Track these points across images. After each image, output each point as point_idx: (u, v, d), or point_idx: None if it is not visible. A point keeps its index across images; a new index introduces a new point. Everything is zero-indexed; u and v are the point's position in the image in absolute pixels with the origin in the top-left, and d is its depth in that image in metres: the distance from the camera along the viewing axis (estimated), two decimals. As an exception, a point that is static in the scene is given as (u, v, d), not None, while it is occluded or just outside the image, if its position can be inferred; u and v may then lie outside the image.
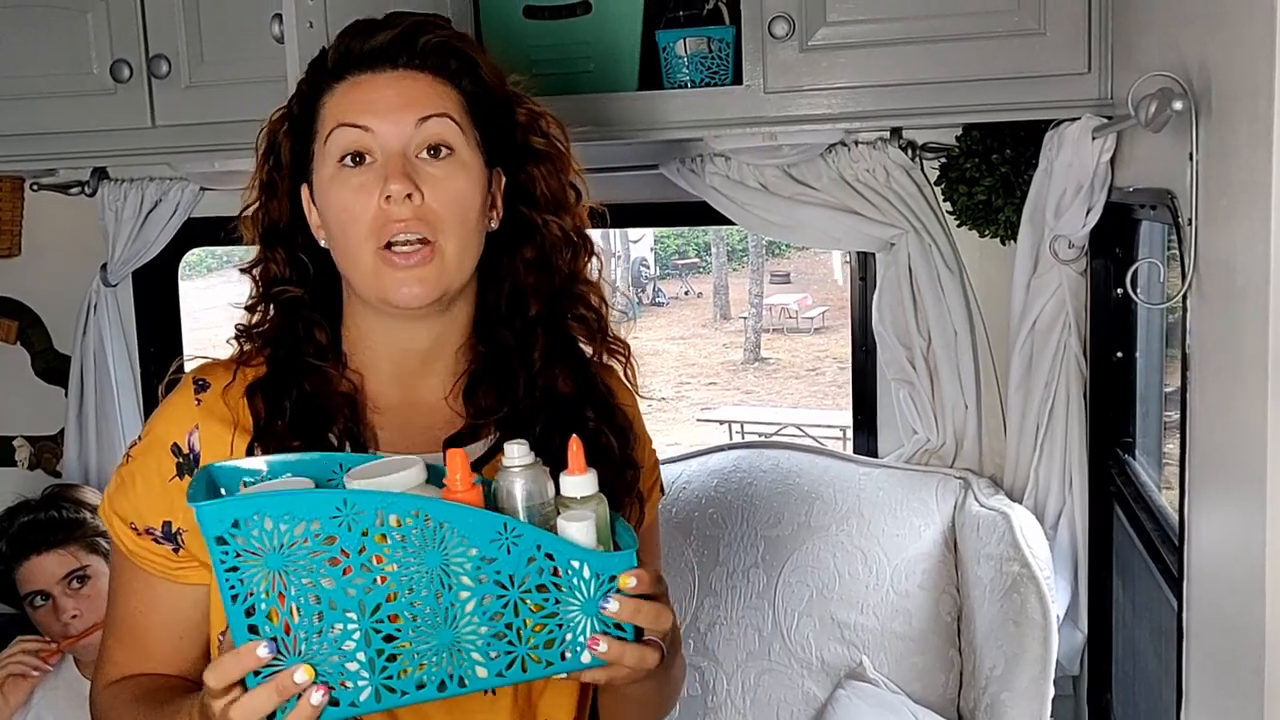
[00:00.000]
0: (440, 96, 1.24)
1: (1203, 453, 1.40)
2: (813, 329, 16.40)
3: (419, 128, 1.22)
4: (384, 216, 1.20)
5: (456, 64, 1.26)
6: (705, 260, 19.09)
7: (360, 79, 1.24)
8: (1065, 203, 1.99)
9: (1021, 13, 1.95)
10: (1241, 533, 1.21)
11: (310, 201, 1.28)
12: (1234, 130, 1.22)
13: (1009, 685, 2.04)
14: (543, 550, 1.03)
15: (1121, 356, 2.12)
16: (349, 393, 1.29)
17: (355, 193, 1.22)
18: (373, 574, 1.01)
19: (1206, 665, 1.39)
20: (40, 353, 2.89)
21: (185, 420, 1.26)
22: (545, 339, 1.32)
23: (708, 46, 2.12)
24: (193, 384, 1.28)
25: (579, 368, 1.34)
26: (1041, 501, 2.23)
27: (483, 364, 1.32)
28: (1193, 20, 1.42)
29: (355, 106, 1.23)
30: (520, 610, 1.03)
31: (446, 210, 1.22)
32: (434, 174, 1.22)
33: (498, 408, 1.30)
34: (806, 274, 18.45)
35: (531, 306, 1.32)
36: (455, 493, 1.05)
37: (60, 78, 2.30)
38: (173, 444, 1.25)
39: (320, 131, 1.25)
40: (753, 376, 15.36)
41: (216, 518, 0.99)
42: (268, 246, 1.31)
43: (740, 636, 2.29)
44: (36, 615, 2.31)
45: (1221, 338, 1.30)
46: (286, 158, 1.29)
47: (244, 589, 1.00)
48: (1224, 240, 1.28)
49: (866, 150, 2.31)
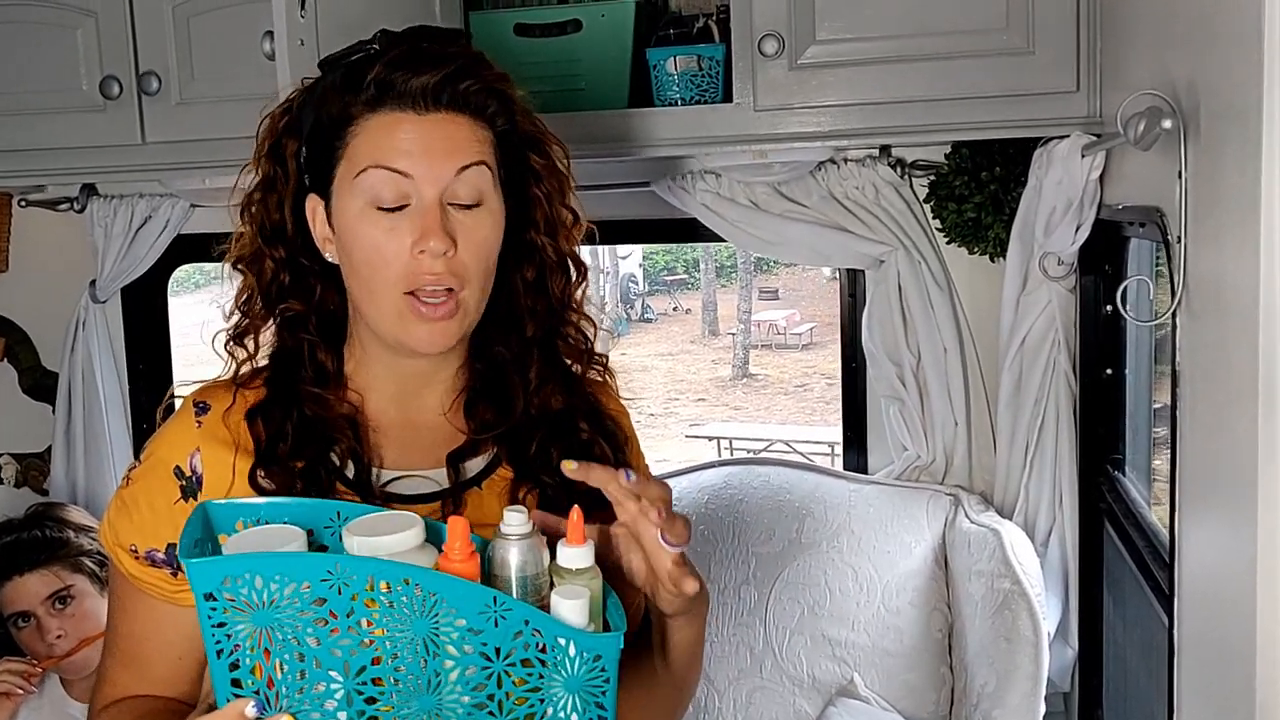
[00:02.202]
0: (478, 142, 1.22)
1: (1193, 469, 1.40)
2: (801, 345, 16.42)
3: (458, 176, 1.20)
4: (416, 266, 1.19)
5: (495, 105, 1.23)
6: (694, 276, 19.11)
7: (401, 117, 1.20)
8: (1055, 220, 1.99)
9: (1010, 31, 1.96)
10: (1232, 549, 1.21)
11: (318, 214, 1.26)
12: (1223, 149, 1.23)
13: (1000, 702, 2.03)
14: (530, 625, 1.02)
15: (1111, 373, 2.13)
16: (350, 414, 1.28)
17: (386, 234, 1.20)
18: (360, 636, 1.00)
19: (1197, 681, 1.40)
20: (27, 370, 2.87)
21: (187, 443, 1.26)
22: (540, 357, 1.33)
23: (698, 64, 2.13)
24: (193, 406, 1.28)
25: (569, 383, 1.35)
26: (1032, 518, 2.23)
27: (481, 381, 1.32)
28: (1181, 40, 1.43)
29: (395, 149, 1.19)
30: (504, 682, 1.03)
31: (473, 260, 1.21)
32: (465, 224, 1.21)
33: (497, 423, 1.30)
34: (795, 290, 18.47)
35: (528, 327, 1.32)
36: (452, 562, 1.04)
37: (49, 94, 2.29)
38: (175, 467, 1.25)
39: (348, 159, 1.21)
40: (741, 392, 15.37)
41: (207, 575, 0.99)
42: (267, 245, 1.29)
43: (732, 654, 2.28)
44: (20, 636, 2.29)
45: (1211, 354, 1.30)
46: (291, 164, 1.27)
47: (229, 644, 1.00)
48: (1213, 257, 1.28)
49: (856, 168, 2.32)
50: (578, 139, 2.04)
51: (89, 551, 2.34)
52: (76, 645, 2.26)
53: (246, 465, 1.24)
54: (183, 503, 1.23)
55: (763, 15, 2.02)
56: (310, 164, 1.25)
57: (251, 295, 1.31)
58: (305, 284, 1.29)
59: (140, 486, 1.26)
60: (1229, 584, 1.23)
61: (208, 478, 1.24)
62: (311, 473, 1.24)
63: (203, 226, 2.65)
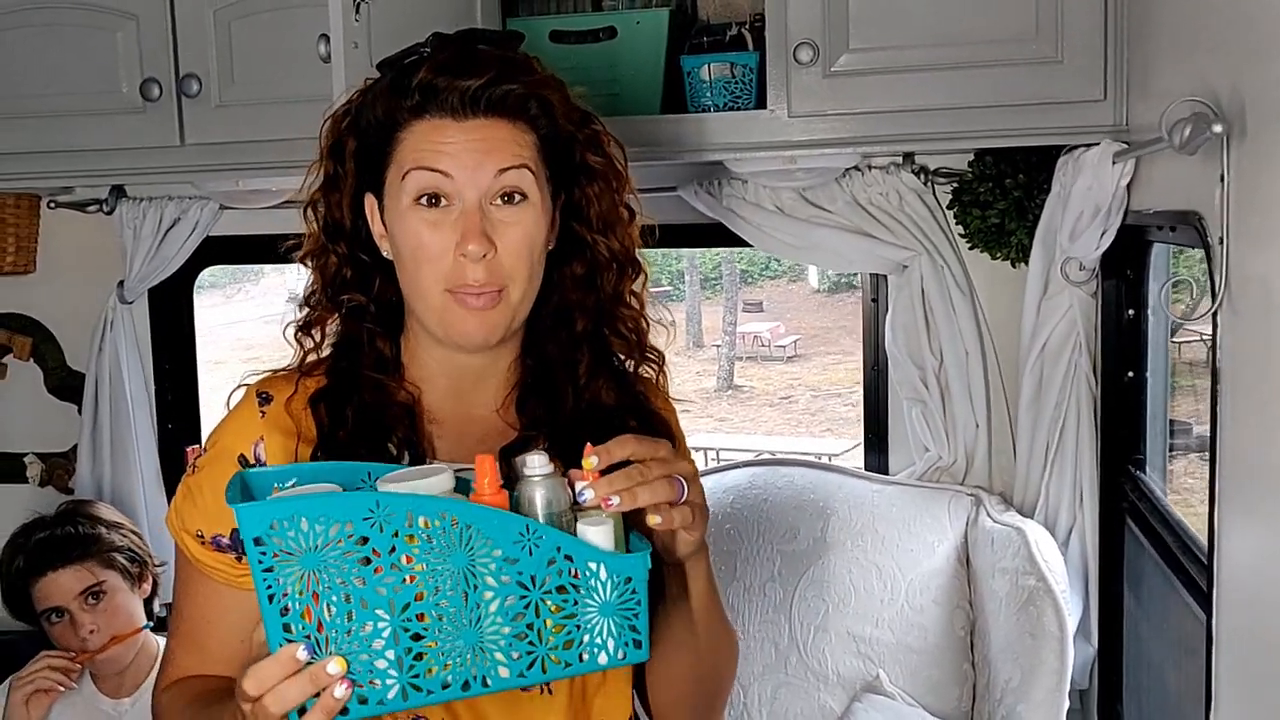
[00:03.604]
0: (519, 145, 1.26)
1: (1234, 467, 1.44)
2: (785, 358, 16.47)
3: (497, 178, 1.24)
4: (458, 268, 1.23)
5: (537, 107, 1.27)
6: (679, 288, 19.15)
7: (443, 123, 1.24)
8: (1081, 226, 2.04)
9: (1040, 40, 2.01)
10: (1277, 546, 1.25)
11: (375, 212, 1.31)
12: (1269, 152, 1.27)
13: (1025, 697, 2.08)
14: (562, 552, 1.08)
15: (1132, 376, 2.18)
16: (407, 403, 1.32)
17: (431, 230, 1.24)
18: (402, 573, 1.05)
19: (1238, 675, 1.43)
20: (53, 369, 2.89)
21: (251, 432, 1.30)
22: (590, 353, 1.36)
23: (731, 72, 2.18)
24: (256, 397, 1.32)
25: (620, 379, 1.38)
26: (1052, 518, 2.28)
27: (532, 377, 1.36)
28: (1218, 48, 1.48)
29: (436, 151, 1.24)
30: (541, 611, 1.08)
31: (516, 258, 1.25)
32: (506, 220, 1.25)
33: (548, 419, 1.34)
34: (779, 303, 18.53)
35: (578, 322, 1.36)
36: (483, 496, 1.09)
37: (87, 96, 2.33)
38: (239, 455, 1.29)
39: (396, 162, 1.26)
40: (726, 404, 15.40)
41: (256, 519, 1.03)
42: (330, 241, 1.33)
43: (758, 650, 2.32)
44: (53, 631, 2.32)
45: (1256, 353, 1.34)
46: (350, 163, 1.31)
47: (279, 589, 1.04)
48: (1259, 258, 1.32)
49: (880, 174, 2.37)
50: (610, 144, 2.10)
51: (120, 548, 2.36)
52: (108, 642, 2.29)
53: (308, 452, 1.28)
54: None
55: (798, 24, 2.07)
56: (365, 163, 1.30)
57: (317, 290, 1.35)
58: (366, 277, 1.34)
59: (205, 474, 1.30)
60: (1272, 581, 1.26)
61: (270, 464, 1.27)
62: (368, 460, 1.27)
63: (231, 229, 2.69)
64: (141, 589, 2.38)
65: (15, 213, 2.73)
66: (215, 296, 14.16)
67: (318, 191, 1.34)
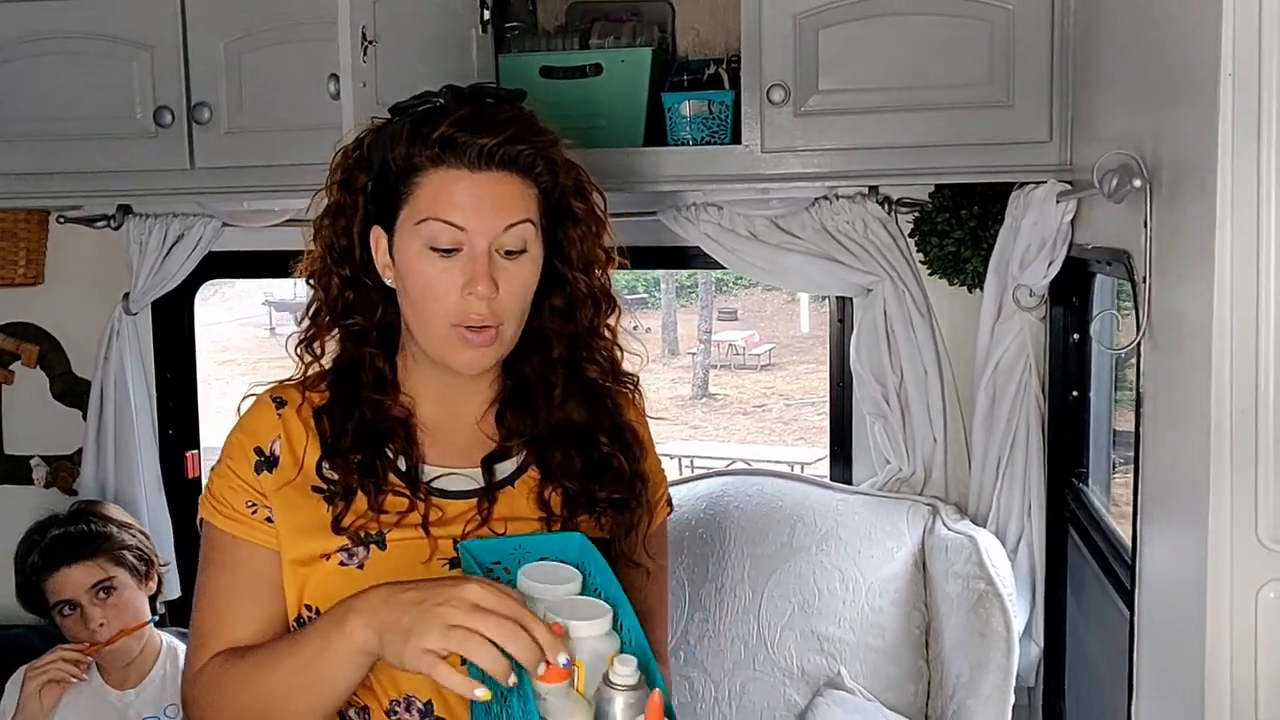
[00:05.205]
0: (526, 200, 1.40)
1: (1153, 479, 1.61)
2: (759, 366, 16.62)
3: (505, 231, 1.38)
4: (463, 305, 1.38)
5: (541, 166, 1.42)
6: (654, 296, 19.27)
7: (459, 175, 1.37)
8: (1029, 257, 2.21)
9: (993, 85, 2.18)
10: (1185, 549, 1.40)
11: (380, 243, 1.44)
12: (1183, 204, 1.42)
13: (974, 692, 2.25)
14: None
15: (1077, 395, 2.35)
16: (403, 416, 1.48)
17: (440, 273, 1.38)
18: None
19: (1154, 663, 1.60)
20: (59, 376, 3.02)
21: (270, 430, 1.46)
22: (564, 376, 1.51)
23: (708, 109, 2.34)
24: (271, 401, 1.49)
25: (594, 399, 1.53)
26: (1003, 526, 2.45)
27: (510, 394, 1.52)
28: (1145, 100, 1.64)
29: (453, 204, 1.36)
30: None
31: (513, 300, 1.41)
32: (509, 269, 1.39)
33: (522, 430, 1.50)
34: (754, 311, 18.68)
35: (555, 348, 1.51)
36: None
37: (102, 120, 2.46)
38: (257, 446, 1.46)
39: (411, 206, 1.39)
40: (700, 412, 15.52)
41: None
42: (334, 265, 1.47)
43: (727, 648, 2.48)
44: (65, 623, 2.45)
45: (1171, 381, 1.51)
46: (360, 196, 1.45)
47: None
48: (1173, 296, 1.48)
49: (847, 204, 2.54)
50: (596, 173, 2.21)
51: (129, 546, 2.50)
52: (117, 634, 2.42)
53: (315, 455, 1.45)
54: (255, 474, 1.44)
55: (771, 67, 2.23)
56: (377, 200, 1.44)
57: (320, 307, 1.50)
58: (368, 301, 1.48)
59: (234, 462, 1.46)
60: (1182, 580, 1.42)
61: (283, 459, 1.45)
62: (368, 465, 1.44)
63: (231, 245, 2.83)
64: (147, 585, 2.51)
65: (25, 227, 2.87)
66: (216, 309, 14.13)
67: (325, 218, 1.48)
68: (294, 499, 1.41)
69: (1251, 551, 1.28)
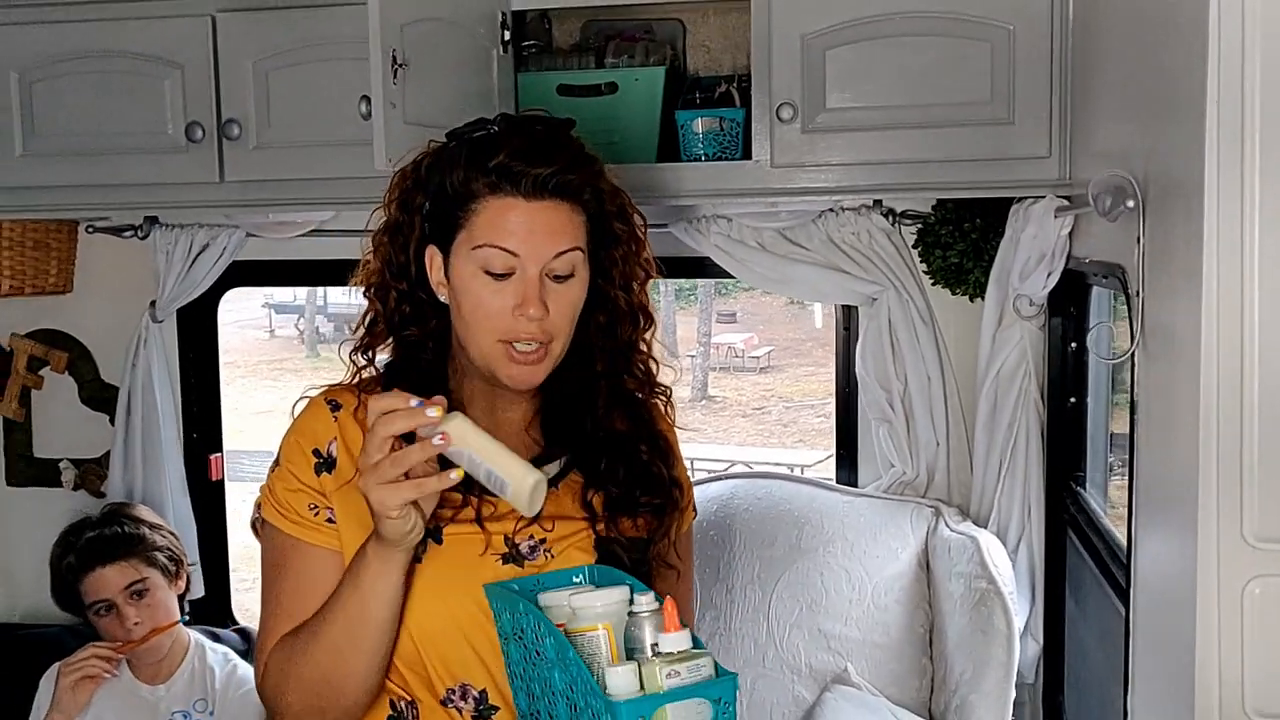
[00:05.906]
0: (576, 227, 1.48)
1: (1147, 483, 1.68)
2: (759, 368, 16.64)
3: (556, 258, 1.46)
4: (514, 325, 1.46)
5: (589, 194, 1.50)
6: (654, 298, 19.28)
7: (514, 203, 1.44)
8: (1029, 268, 2.30)
9: (995, 104, 2.26)
10: (1177, 550, 1.48)
11: (435, 261, 1.52)
12: (1173, 222, 1.50)
13: (976, 688, 2.33)
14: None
15: (1075, 402, 2.44)
16: None
17: (493, 295, 1.46)
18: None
19: (1148, 657, 1.67)
20: (87, 382, 3.10)
21: (326, 432, 1.53)
22: (607, 388, 1.60)
23: (720, 126, 2.42)
24: (326, 404, 1.55)
25: (632, 409, 1.62)
26: (1004, 528, 2.54)
27: (554, 405, 1.60)
28: (1138, 121, 1.71)
29: (507, 231, 1.44)
30: None
31: (562, 320, 1.49)
32: (558, 291, 1.47)
33: (565, 439, 1.58)
34: (753, 314, 18.71)
35: (598, 362, 1.59)
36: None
37: (138, 136, 2.54)
38: (314, 449, 1.53)
39: (468, 230, 1.46)
40: (700, 414, 15.54)
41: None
42: (392, 279, 1.55)
43: (738, 645, 2.57)
44: (100, 623, 2.54)
45: (1162, 390, 1.58)
46: (417, 216, 1.52)
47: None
48: (1165, 310, 1.56)
49: (852, 216, 2.62)
50: (613, 188, 2.34)
51: (161, 547, 2.59)
52: (150, 632, 2.51)
53: None
54: (315, 476, 1.51)
55: (780, 85, 2.31)
56: (434, 221, 1.51)
57: (376, 318, 1.58)
58: (421, 314, 1.55)
59: (294, 465, 1.53)
60: (1174, 578, 1.49)
61: (340, 459, 1.51)
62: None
63: (254, 254, 2.92)
64: (177, 585, 2.60)
65: (56, 237, 2.95)
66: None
67: (384, 235, 1.56)
68: (353, 498, 1.45)
69: (1238, 550, 1.35)
